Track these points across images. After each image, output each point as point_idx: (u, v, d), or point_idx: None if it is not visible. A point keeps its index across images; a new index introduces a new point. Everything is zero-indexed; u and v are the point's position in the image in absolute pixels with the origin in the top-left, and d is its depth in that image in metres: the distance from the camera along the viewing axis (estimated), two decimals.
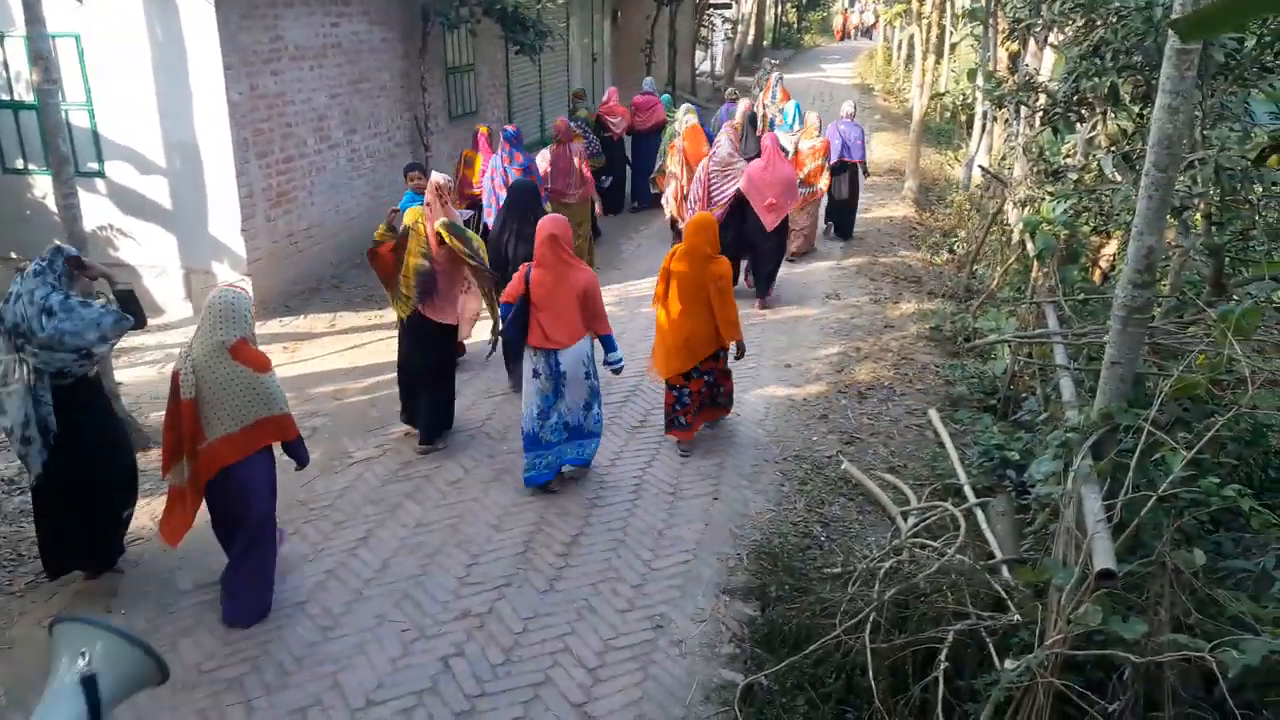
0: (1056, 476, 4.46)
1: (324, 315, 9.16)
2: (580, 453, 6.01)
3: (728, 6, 30.45)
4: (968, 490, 5.84)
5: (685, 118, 11.02)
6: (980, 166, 13.74)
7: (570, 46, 17.58)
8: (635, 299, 9.70)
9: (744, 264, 9.63)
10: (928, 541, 5.15)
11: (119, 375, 6.71)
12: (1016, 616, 4.11)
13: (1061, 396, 5.14)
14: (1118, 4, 6.33)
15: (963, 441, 6.60)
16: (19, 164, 9.09)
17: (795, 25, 44.28)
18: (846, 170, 11.61)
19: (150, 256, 9.10)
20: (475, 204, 9.32)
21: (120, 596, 4.86)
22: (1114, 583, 3.61)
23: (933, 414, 7.02)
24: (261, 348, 8.02)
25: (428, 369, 6.29)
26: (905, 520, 5.56)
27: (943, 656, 3.89)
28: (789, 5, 42.91)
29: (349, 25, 10.47)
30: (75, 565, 4.89)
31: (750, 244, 9.35)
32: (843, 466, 6.24)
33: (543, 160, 9.65)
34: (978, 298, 9.04)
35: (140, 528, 5.43)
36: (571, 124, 10.35)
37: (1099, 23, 6.65)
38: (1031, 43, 11.95)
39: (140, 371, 7.80)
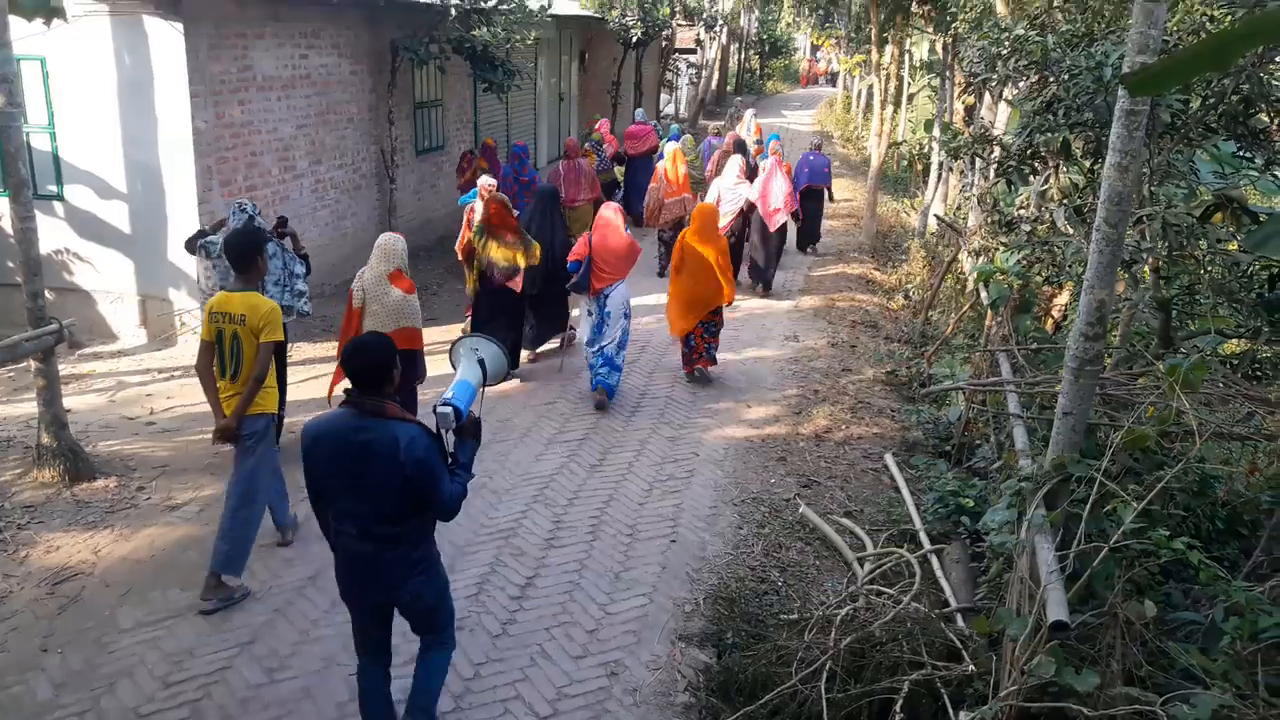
0: (1010, 525, 4.51)
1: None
2: (608, 380, 7.91)
3: (692, 52, 30.93)
4: (923, 537, 5.89)
5: (668, 143, 12.76)
6: (936, 215, 14.01)
7: (538, 86, 17.72)
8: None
9: (744, 262, 11.64)
10: (884, 589, 5.17)
11: (68, 402, 6.55)
12: (971, 667, 4.14)
13: (1015, 444, 5.21)
14: (1069, 63, 6.53)
15: (918, 487, 6.66)
16: None
17: (758, 72, 45.06)
18: (814, 194, 13.38)
19: (107, 282, 8.95)
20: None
21: (55, 634, 4.71)
22: (1067, 634, 3.65)
23: (889, 459, 7.09)
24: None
25: (505, 322, 8.13)
26: (862, 566, 5.58)
27: (898, 708, 3.90)
28: (752, 52, 43.68)
29: (319, 58, 10.47)
30: None
31: (755, 242, 11.56)
32: (800, 510, 6.26)
33: (554, 176, 11.66)
34: (933, 344, 9.17)
35: (81, 562, 5.29)
36: (585, 145, 12.73)
37: (1052, 80, 6.85)
38: (987, 97, 12.26)
39: (90, 399, 7.64)
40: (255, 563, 5.39)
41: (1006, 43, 7.19)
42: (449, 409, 3.79)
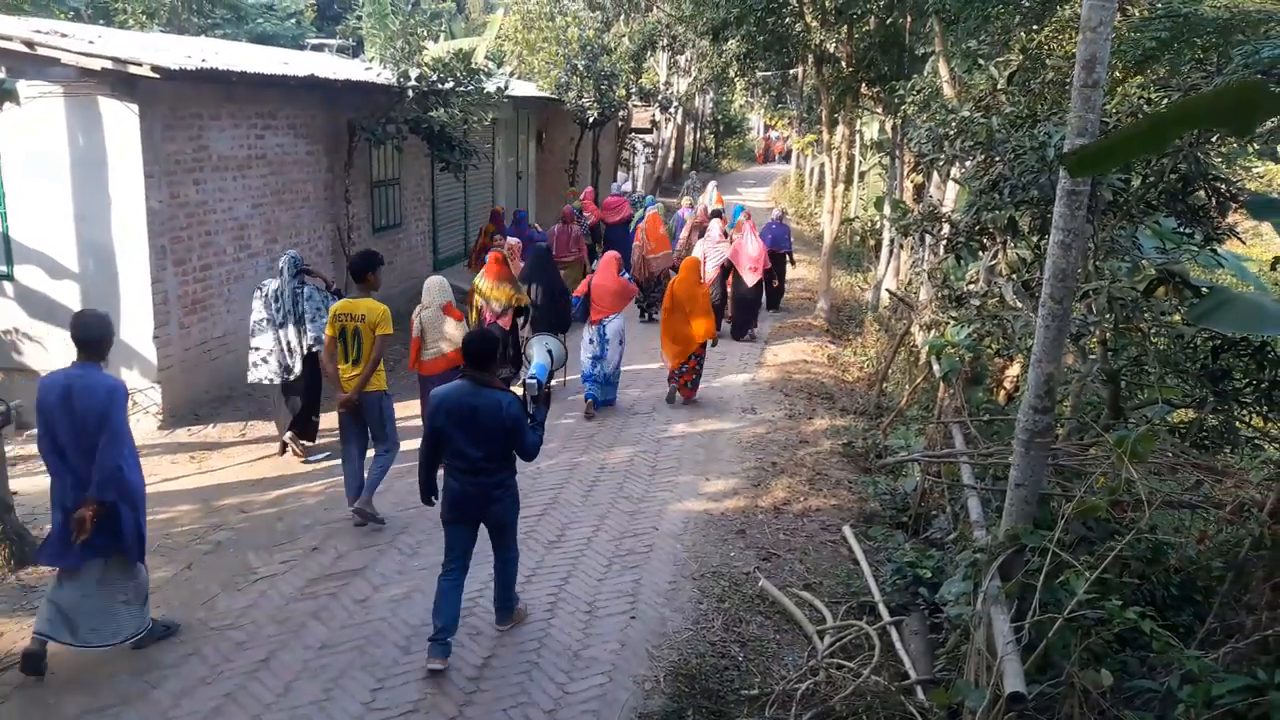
0: (967, 596, 4.54)
1: (234, 424, 8.92)
2: (608, 395, 9.95)
3: (648, 132, 31.58)
4: (882, 609, 5.88)
5: (648, 209, 14.48)
6: (888, 290, 14.29)
7: (496, 164, 17.97)
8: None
9: (726, 315, 13.31)
10: (844, 661, 5.15)
11: (14, 484, 6.38)
12: None
13: (970, 515, 5.27)
14: (1014, 143, 6.78)
15: (876, 558, 6.67)
16: None
17: (713, 150, 46.08)
18: (778, 258, 14.87)
19: (57, 362, 8.73)
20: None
21: None
22: (1025, 705, 3.65)
23: (847, 530, 7.11)
24: (168, 458, 7.80)
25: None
26: (822, 639, 5.56)
27: None
28: (707, 131, 44.71)
29: (274, 137, 10.55)
30: None
31: (734, 295, 13.41)
32: (760, 584, 6.23)
33: (550, 235, 13.75)
34: (888, 415, 9.28)
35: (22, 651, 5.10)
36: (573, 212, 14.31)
37: (997, 160, 7.09)
38: (935, 175, 12.65)
39: (38, 480, 7.42)
40: (205, 646, 5.25)
41: (953, 124, 7.46)
42: (535, 381, 5.67)
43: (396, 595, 5.92)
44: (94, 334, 5.05)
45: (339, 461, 7.16)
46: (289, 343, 7.95)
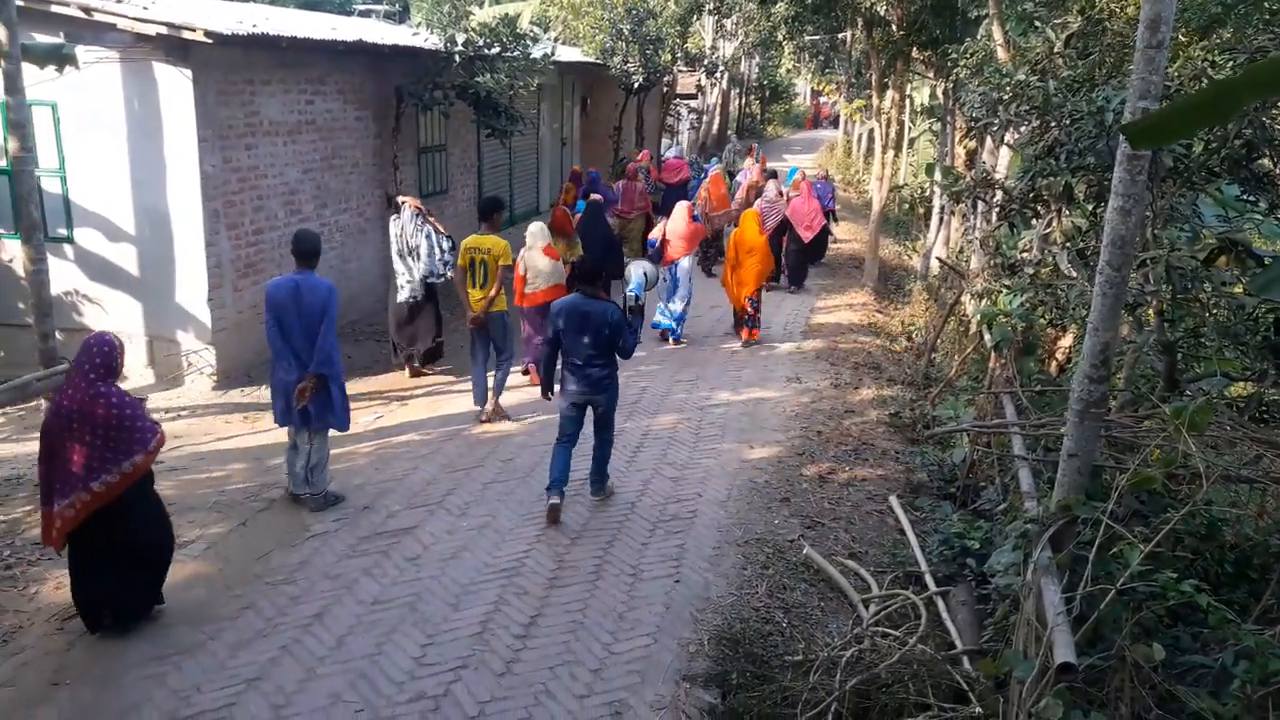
0: (1016, 567, 4.51)
1: None
2: (674, 331, 11.24)
3: (693, 97, 31.31)
4: (928, 578, 5.86)
5: (711, 168, 15.70)
6: (938, 258, 14.11)
7: (540, 131, 17.94)
8: None
9: (783, 268, 14.53)
10: (889, 630, 5.15)
11: None
12: (978, 709, 4.11)
13: (1020, 487, 5.22)
14: (1071, 108, 6.62)
15: (923, 529, 6.64)
16: None
17: (758, 116, 45.58)
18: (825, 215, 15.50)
19: (115, 323, 8.98)
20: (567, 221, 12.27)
21: (65, 669, 4.69)
22: (1074, 676, 3.62)
23: (893, 500, 7.08)
24: (222, 418, 7.96)
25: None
26: (867, 608, 5.56)
27: None
28: (752, 97, 44.21)
29: (324, 103, 10.62)
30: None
31: (790, 249, 14.54)
32: (804, 551, 6.24)
33: (617, 191, 14.58)
34: (936, 386, 9.19)
35: None
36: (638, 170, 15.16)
37: (1053, 125, 6.94)
38: (988, 141, 12.41)
39: None
40: (261, 600, 5.38)
41: (1008, 88, 7.30)
42: (634, 296, 7.53)
43: (446, 554, 6.02)
44: (310, 247, 6.49)
45: (384, 421, 7.31)
46: (410, 271, 9.30)
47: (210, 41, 8.10)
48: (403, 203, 9.51)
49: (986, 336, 7.79)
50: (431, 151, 13.44)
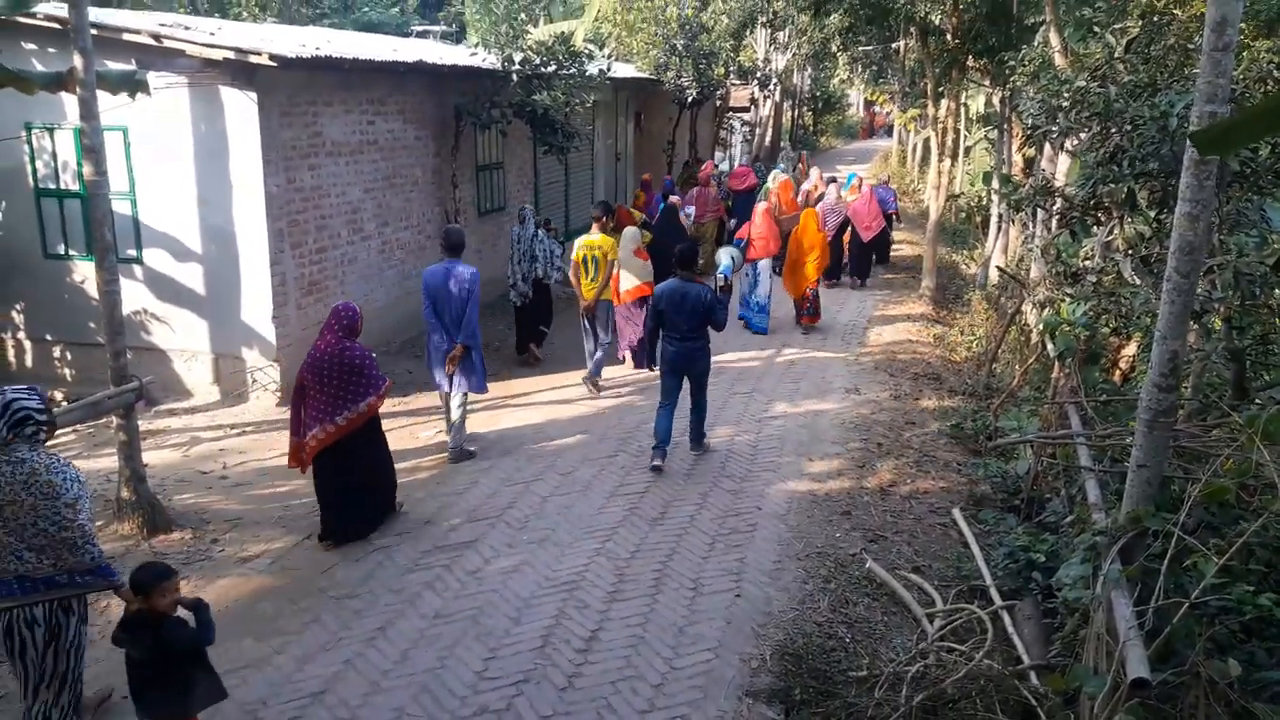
0: (1085, 581, 4.42)
1: None
2: (761, 322, 12.43)
3: (746, 110, 31.30)
4: (994, 592, 5.77)
5: (779, 175, 16.70)
6: (998, 267, 13.90)
7: (595, 147, 18.08)
8: None
9: (845, 266, 15.67)
10: (955, 645, 5.08)
11: (146, 457, 6.75)
12: None
13: (1087, 499, 5.12)
14: (1133, 113, 6.50)
15: (987, 542, 6.54)
16: (60, 249, 9.35)
17: (812, 127, 45.38)
18: (885, 218, 16.26)
19: (182, 341, 9.27)
20: (645, 224, 13.30)
21: None
22: (1147, 693, 3.54)
23: (956, 513, 6.98)
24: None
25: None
26: (931, 622, 5.48)
27: None
28: (805, 109, 44.04)
29: (385, 124, 10.83)
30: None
31: (851, 249, 15.66)
32: (867, 565, 6.18)
33: (689, 200, 15.17)
34: (998, 396, 9.04)
35: None
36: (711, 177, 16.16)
37: (1114, 131, 6.81)
38: (1047, 148, 12.21)
39: (166, 454, 7.88)
40: (326, 614, 5.48)
41: (1067, 95, 7.19)
42: (724, 276, 9.06)
43: (507, 567, 6.08)
44: (457, 240, 7.89)
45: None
46: (521, 274, 10.49)
47: (275, 65, 8.33)
48: (528, 215, 10.72)
49: (1049, 346, 7.64)
50: (489, 169, 13.63)
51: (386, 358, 10.50)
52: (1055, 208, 8.26)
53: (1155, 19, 7.88)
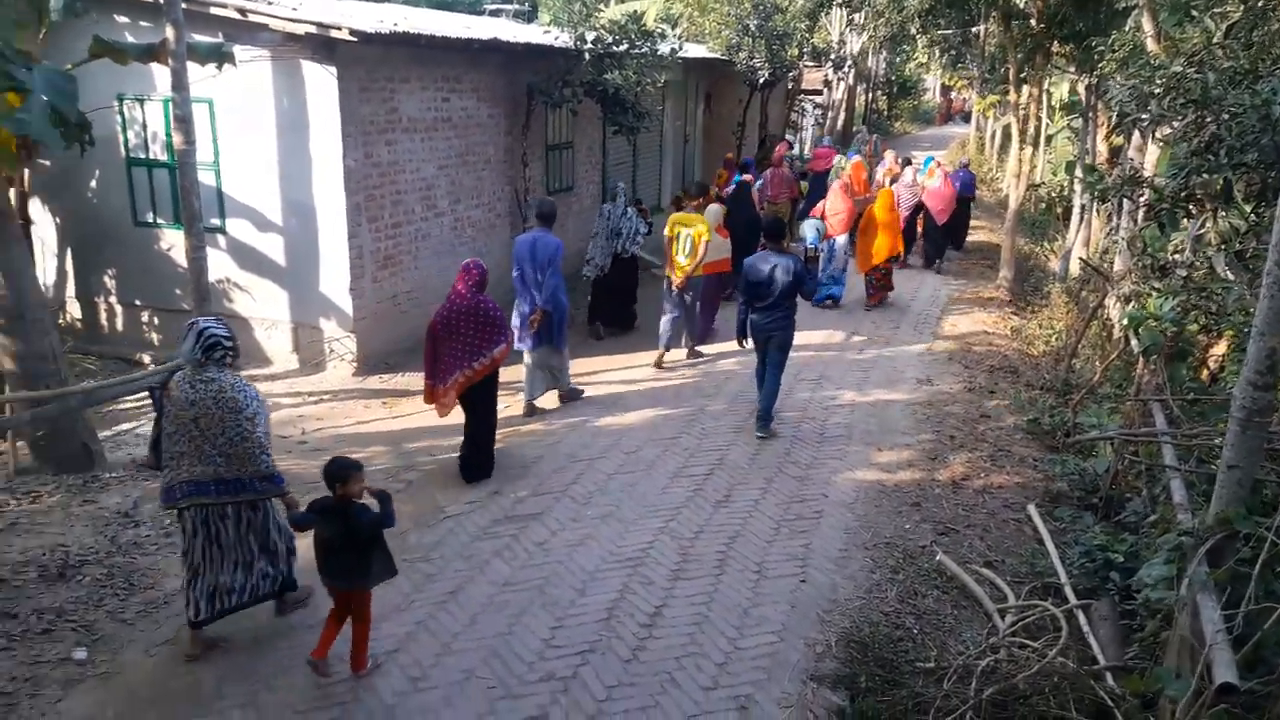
0: (1168, 582, 4.30)
1: (421, 374, 9.30)
2: (836, 291, 12.70)
3: (818, 93, 30.88)
4: (1068, 591, 5.65)
5: (852, 158, 17.04)
6: (1080, 259, 13.53)
7: (664, 127, 18.01)
8: None
9: (917, 248, 15.96)
10: (1027, 641, 4.98)
11: None
12: None
13: (1172, 499, 4.97)
14: (1232, 101, 6.25)
15: (1063, 540, 6.40)
16: (149, 218, 9.63)
17: (885, 112, 44.63)
18: (963, 201, 16.45)
19: (263, 310, 9.49)
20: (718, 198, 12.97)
21: (220, 631, 4.99)
22: (1234, 699, 3.44)
23: (1031, 509, 6.84)
24: (362, 402, 8.28)
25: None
26: (1003, 618, 5.39)
27: None
28: (879, 93, 43.32)
29: (459, 101, 10.92)
30: None
31: (925, 231, 15.87)
32: (937, 558, 6.08)
33: (766, 178, 15.73)
34: (1077, 392, 8.82)
35: None
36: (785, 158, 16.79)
37: (1210, 119, 6.56)
38: (1136, 137, 11.83)
39: None
40: (399, 577, 5.55)
41: (1160, 81, 6.94)
42: (811, 247, 12.28)
43: (572, 540, 6.13)
44: (548, 210, 8.43)
45: (511, 410, 7.50)
46: (602, 249, 10.74)
47: (355, 40, 8.44)
48: (620, 191, 11.09)
49: (1134, 341, 7.42)
50: (559, 149, 13.67)
51: None
52: (1143, 199, 7.99)
53: (1259, 3, 7.56)
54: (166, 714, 4.40)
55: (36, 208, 9.82)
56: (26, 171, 9.01)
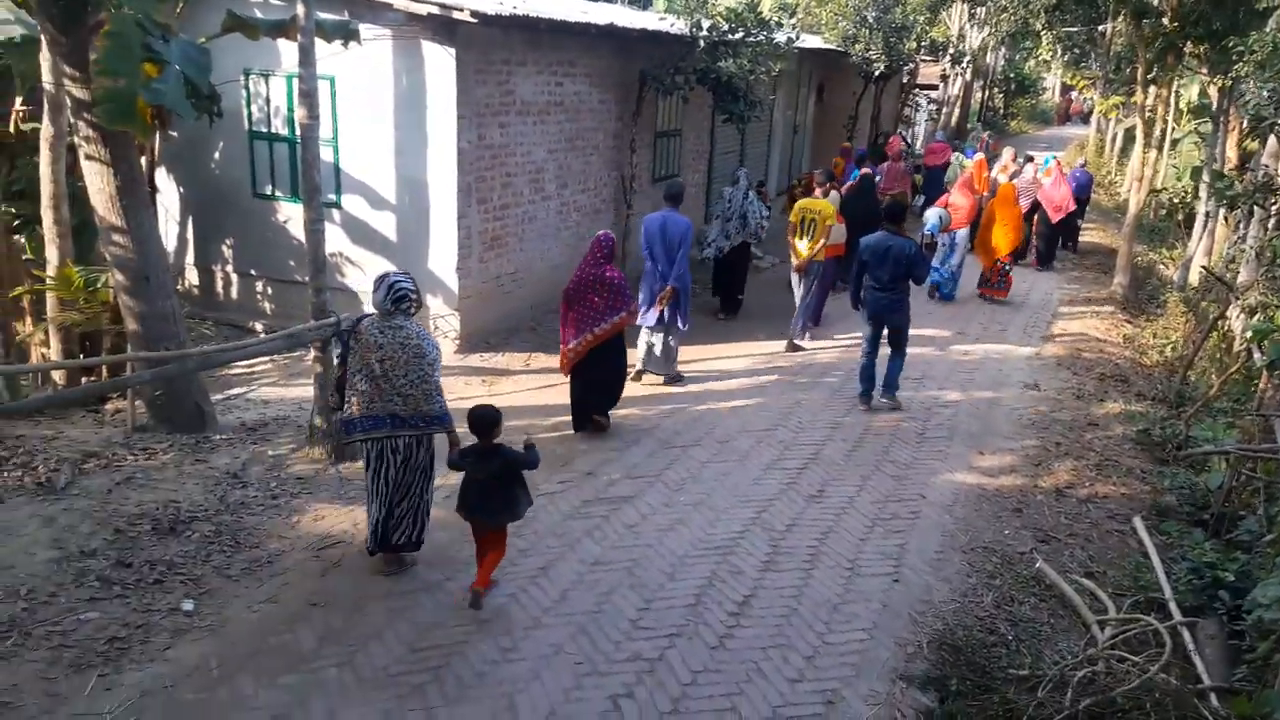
0: None
1: (520, 354, 9.58)
2: (950, 289, 12.93)
3: (934, 88, 30.17)
4: (1173, 607, 5.44)
5: (972, 155, 17.02)
6: (1202, 268, 12.94)
7: (774, 117, 17.86)
8: None
9: (1032, 246, 15.53)
10: (1127, 655, 4.82)
11: None
12: None
13: None
14: None
15: (1169, 555, 6.16)
16: (267, 190, 10.02)
17: (1001, 110, 43.32)
18: (1077, 204, 16.16)
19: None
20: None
21: (320, 592, 5.20)
22: None
23: (1137, 522, 6.59)
24: (462, 380, 8.47)
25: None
26: (1102, 630, 5.22)
27: None
28: (996, 90, 42.07)
29: (572, 85, 11.02)
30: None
31: (1039, 230, 15.53)
32: (1037, 565, 5.92)
33: (880, 171, 15.60)
34: (1192, 405, 8.46)
35: (342, 532, 5.85)
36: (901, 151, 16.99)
37: None
38: (1271, 141, 11.25)
39: None
40: None
41: None
42: (930, 233, 12.17)
43: (663, 525, 6.17)
44: (676, 191, 8.87)
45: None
46: (724, 232, 11.02)
47: (475, 21, 8.59)
48: (742, 176, 11.36)
49: (1257, 355, 7.10)
50: (667, 136, 13.69)
51: (557, 316, 10.73)
52: (1276, 207, 7.62)
53: None
54: (267, 668, 4.58)
55: (162, 176, 10.30)
56: (157, 140, 9.45)
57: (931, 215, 12.35)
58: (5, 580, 5.04)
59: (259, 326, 10.15)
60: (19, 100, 10.05)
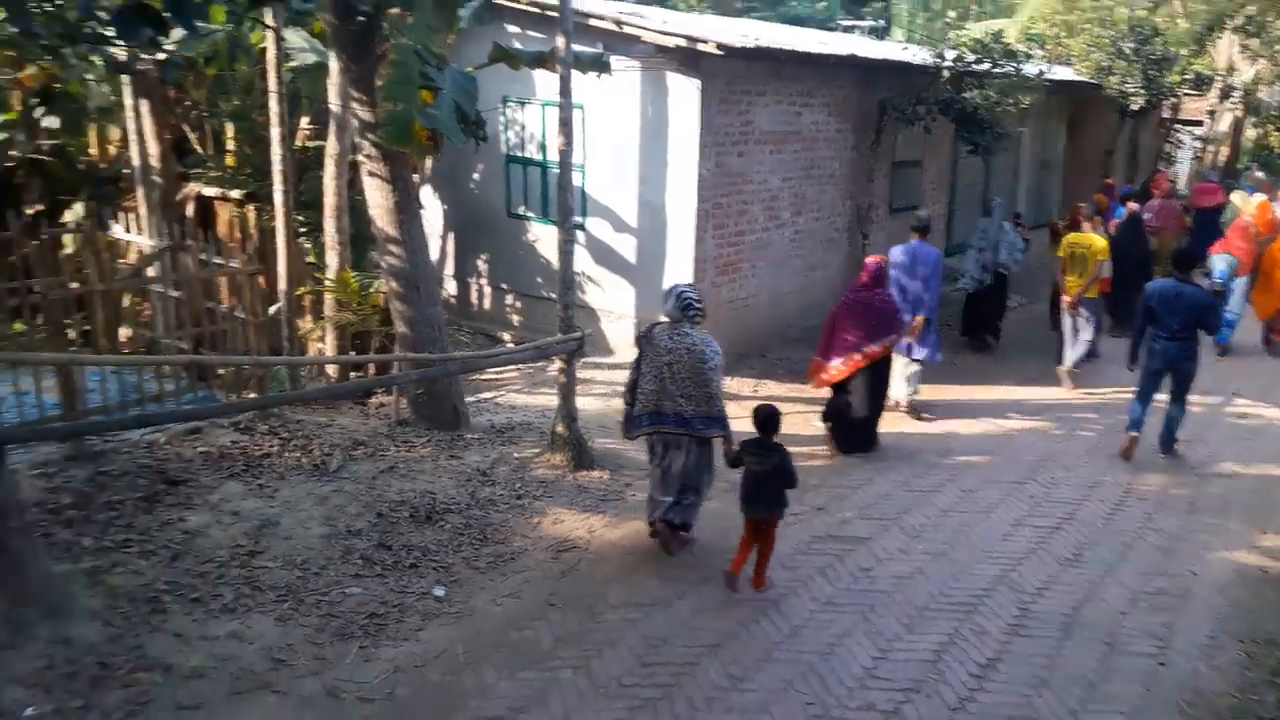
0: None
1: (749, 380, 9.55)
2: (1225, 335, 11.50)
3: (1198, 123, 27.79)
4: None
5: (1253, 195, 14.67)
6: None
7: (1021, 150, 17.00)
8: None
9: None
10: None
11: (579, 402, 7.39)
12: None
13: None
14: None
15: None
16: (520, 210, 10.50)
17: (1277, 149, 39.29)
18: None
19: (611, 303, 10.03)
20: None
21: (558, 593, 5.35)
22: None
23: None
24: None
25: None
26: None
27: None
28: (1272, 128, 38.23)
29: (810, 115, 10.91)
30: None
31: None
32: None
33: (1149, 209, 14.38)
34: None
35: (579, 537, 6.04)
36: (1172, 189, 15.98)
37: None
38: None
39: (590, 401, 8.51)
40: (721, 575, 5.62)
41: None
42: (1220, 282, 10.67)
43: (901, 573, 5.89)
44: (925, 222, 8.91)
45: None
46: (983, 264, 10.81)
47: (720, 54, 8.68)
48: (996, 207, 11.23)
49: None
50: (906, 166, 13.28)
51: (786, 344, 10.65)
52: None
53: None
54: (507, 661, 4.74)
55: (427, 194, 11.04)
56: (427, 161, 10.13)
57: (1219, 262, 11.38)
58: (286, 549, 5.50)
59: (506, 336, 10.66)
60: (304, 119, 11.07)
